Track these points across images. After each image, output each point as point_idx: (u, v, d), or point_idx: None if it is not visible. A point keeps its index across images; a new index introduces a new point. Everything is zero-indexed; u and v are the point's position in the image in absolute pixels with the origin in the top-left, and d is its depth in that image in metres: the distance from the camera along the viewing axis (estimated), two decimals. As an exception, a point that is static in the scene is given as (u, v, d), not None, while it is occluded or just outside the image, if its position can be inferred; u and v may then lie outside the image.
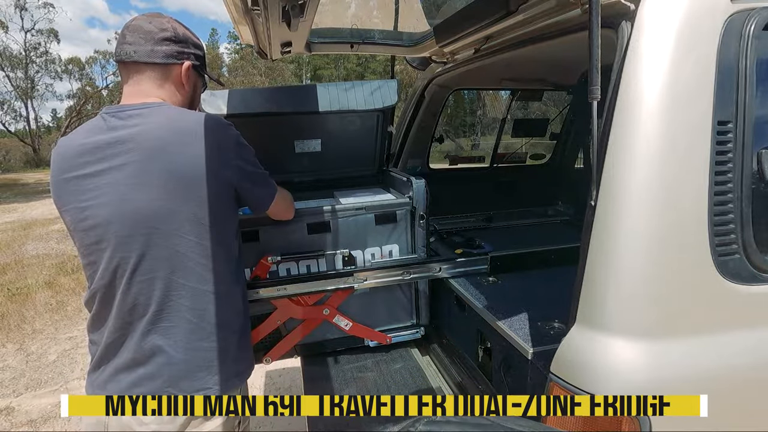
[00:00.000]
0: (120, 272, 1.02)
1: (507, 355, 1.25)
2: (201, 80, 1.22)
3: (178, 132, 1.02)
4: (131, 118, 1.02)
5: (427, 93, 2.46)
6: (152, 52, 1.06)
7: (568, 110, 2.82)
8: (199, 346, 1.06)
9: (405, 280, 1.64)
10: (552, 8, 1.26)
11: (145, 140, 1.00)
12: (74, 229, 1.04)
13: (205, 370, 1.07)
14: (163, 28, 1.08)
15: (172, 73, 1.11)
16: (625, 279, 0.86)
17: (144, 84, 1.08)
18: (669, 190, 0.86)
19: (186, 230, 1.02)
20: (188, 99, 1.18)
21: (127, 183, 0.99)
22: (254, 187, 1.16)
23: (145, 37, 1.06)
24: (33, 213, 9.89)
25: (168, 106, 1.07)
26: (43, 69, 28.97)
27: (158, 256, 1.01)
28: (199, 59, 1.17)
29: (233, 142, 1.08)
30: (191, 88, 1.18)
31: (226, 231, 1.10)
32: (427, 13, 2.08)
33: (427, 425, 0.47)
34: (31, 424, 2.70)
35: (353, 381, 1.67)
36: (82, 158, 1.01)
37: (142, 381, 1.04)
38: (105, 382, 1.06)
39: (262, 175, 1.18)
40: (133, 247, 1.00)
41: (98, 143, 1.01)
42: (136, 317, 1.03)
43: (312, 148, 1.85)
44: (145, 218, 0.99)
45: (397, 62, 2.51)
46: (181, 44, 1.11)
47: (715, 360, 0.89)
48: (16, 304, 4.56)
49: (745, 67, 0.90)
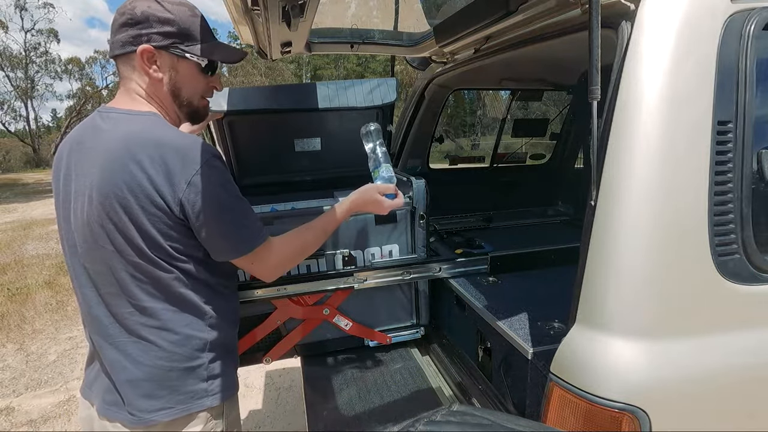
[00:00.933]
0: (77, 282, 1.01)
1: (507, 355, 1.25)
2: (185, 62, 1.02)
3: (129, 150, 0.91)
4: (110, 121, 0.98)
5: (427, 93, 2.46)
6: (113, 44, 0.98)
7: (568, 110, 2.82)
8: (158, 365, 0.99)
9: (405, 280, 1.64)
10: (552, 8, 1.26)
11: (103, 152, 0.93)
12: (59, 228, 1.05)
13: (167, 389, 1.00)
14: (122, 12, 0.96)
15: (133, 62, 0.98)
16: (625, 279, 0.86)
17: (122, 78, 1.02)
18: (669, 189, 0.86)
19: (132, 250, 0.94)
20: (169, 88, 1.02)
21: (83, 193, 0.95)
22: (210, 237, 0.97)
23: (112, 29, 0.98)
24: (33, 213, 9.89)
25: (147, 117, 0.98)
26: (43, 69, 29.02)
27: (105, 271, 0.96)
28: (170, 36, 0.98)
29: (191, 172, 0.92)
30: (167, 73, 1.01)
31: (183, 251, 0.99)
32: (427, 13, 2.08)
33: (427, 425, 0.47)
34: (31, 424, 2.70)
35: (353, 381, 1.67)
36: (70, 157, 1.00)
37: (109, 391, 1.02)
38: (92, 381, 1.07)
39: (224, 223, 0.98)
40: (91, 260, 0.97)
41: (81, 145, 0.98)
42: (99, 328, 1.01)
43: (312, 147, 1.85)
44: (93, 234, 0.94)
45: (397, 62, 2.51)
46: (139, 25, 0.95)
47: (715, 360, 0.89)
48: (16, 304, 4.56)
49: (745, 67, 0.90)
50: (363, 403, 1.54)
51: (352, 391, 1.61)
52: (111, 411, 1.01)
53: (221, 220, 0.98)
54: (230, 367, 1.13)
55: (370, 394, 1.59)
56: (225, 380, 1.09)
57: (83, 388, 1.10)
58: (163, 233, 0.95)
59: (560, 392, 0.89)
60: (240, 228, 1.01)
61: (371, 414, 1.49)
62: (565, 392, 0.88)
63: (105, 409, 1.02)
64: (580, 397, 0.85)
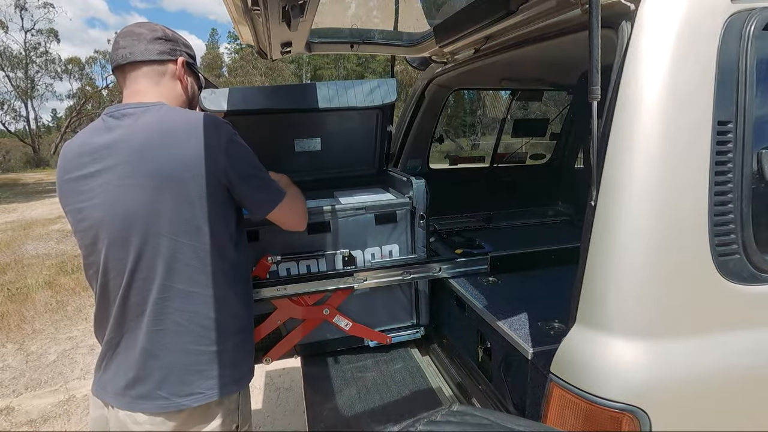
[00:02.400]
0: (114, 273, 1.03)
1: (507, 355, 1.25)
2: (196, 79, 1.23)
3: (165, 132, 1.01)
4: (126, 117, 1.03)
5: (427, 93, 2.46)
6: (146, 50, 1.08)
7: (568, 110, 2.82)
8: (190, 349, 1.05)
9: (405, 280, 1.64)
10: (552, 8, 1.26)
11: (133, 141, 1.00)
12: (74, 230, 1.07)
13: (196, 374, 1.05)
14: (153, 29, 1.11)
15: (168, 70, 1.13)
16: (625, 279, 0.86)
17: (141, 83, 1.09)
18: (669, 189, 0.86)
19: (174, 232, 1.01)
20: (187, 96, 1.19)
21: (117, 184, 0.99)
22: (249, 190, 1.11)
23: (138, 38, 1.08)
24: (33, 213, 9.89)
25: (162, 105, 1.06)
26: (43, 69, 29.01)
27: (149, 258, 1.01)
28: (190, 56, 1.20)
29: (224, 140, 1.05)
30: (188, 85, 1.19)
31: (218, 232, 1.07)
32: (427, 13, 2.08)
33: (427, 425, 0.47)
34: (31, 424, 2.70)
35: (353, 381, 1.67)
36: (79, 159, 1.03)
37: (135, 383, 1.04)
38: (107, 382, 1.07)
39: (259, 179, 1.13)
40: (126, 249, 1.01)
41: (94, 145, 1.03)
42: (130, 318, 1.04)
43: (312, 147, 1.85)
44: (134, 220, 0.99)
45: (397, 62, 2.51)
46: (173, 42, 1.14)
47: (715, 360, 0.89)
48: (16, 304, 4.56)
49: (745, 67, 0.90)
50: (363, 403, 1.54)
51: (352, 391, 1.61)
52: (135, 404, 1.03)
53: (258, 176, 1.13)
54: (251, 351, 1.22)
55: (370, 394, 1.59)
56: (247, 365, 1.18)
57: (96, 388, 1.10)
58: (215, 211, 1.05)
59: (560, 392, 0.89)
60: (270, 180, 1.17)
61: (371, 414, 1.49)
62: (565, 392, 0.88)
63: (127, 403, 1.04)
64: (580, 397, 0.85)
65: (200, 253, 1.04)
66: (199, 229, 1.03)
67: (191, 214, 1.02)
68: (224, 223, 1.09)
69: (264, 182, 1.15)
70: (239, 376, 1.14)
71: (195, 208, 1.02)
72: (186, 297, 1.03)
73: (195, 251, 1.03)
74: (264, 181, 1.15)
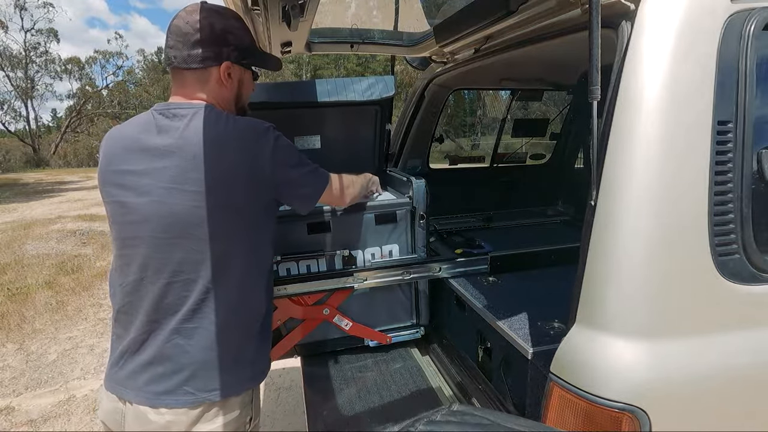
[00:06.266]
0: (152, 271, 1.04)
1: (507, 355, 1.25)
2: (248, 72, 1.19)
3: (214, 140, 1.02)
4: (177, 118, 1.05)
5: (427, 93, 2.46)
6: (189, 57, 1.07)
7: (568, 110, 2.82)
8: (220, 347, 1.07)
9: (405, 280, 1.64)
10: (552, 8, 1.26)
11: (185, 147, 1.01)
12: (113, 221, 1.09)
13: (222, 370, 1.08)
14: (197, 28, 1.06)
15: (211, 76, 1.10)
16: (625, 279, 0.86)
17: (188, 85, 1.10)
18: (669, 189, 0.86)
19: (218, 237, 1.03)
20: (234, 95, 1.17)
21: (165, 186, 1.01)
22: (296, 190, 1.16)
23: (183, 41, 1.06)
24: (33, 213, 9.89)
25: (211, 109, 1.07)
26: (43, 69, 28.97)
27: (194, 261, 1.03)
28: (242, 51, 1.13)
29: (270, 148, 1.07)
30: (236, 84, 1.16)
31: (259, 239, 1.12)
32: (427, 13, 2.08)
33: (427, 425, 0.47)
34: (31, 424, 2.70)
35: (353, 381, 1.67)
36: (129, 155, 1.05)
37: (161, 378, 1.05)
38: (125, 378, 1.08)
39: (305, 175, 1.16)
40: (169, 250, 1.03)
41: (145, 145, 1.04)
42: (164, 316, 1.05)
43: (311, 145, 1.86)
44: (179, 222, 1.01)
45: (397, 62, 2.51)
46: (218, 43, 1.08)
47: (715, 360, 0.89)
48: (16, 303, 4.56)
49: (745, 67, 0.90)
50: (363, 403, 1.54)
51: (352, 391, 1.61)
52: (159, 399, 1.04)
53: (301, 175, 1.15)
54: (268, 348, 1.24)
55: (370, 394, 1.59)
56: (264, 362, 1.20)
57: (110, 383, 1.10)
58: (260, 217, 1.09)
59: (560, 392, 0.89)
60: (310, 173, 1.18)
61: (371, 414, 1.49)
62: (565, 392, 0.88)
63: (150, 398, 1.04)
64: (580, 397, 0.85)
65: (243, 258, 1.08)
66: (244, 235, 1.07)
67: (238, 221, 1.05)
68: (266, 227, 1.14)
69: (307, 176, 1.17)
70: (258, 372, 1.18)
71: (241, 214, 1.05)
72: (224, 299, 1.06)
73: (239, 256, 1.07)
74: (308, 175, 1.17)
